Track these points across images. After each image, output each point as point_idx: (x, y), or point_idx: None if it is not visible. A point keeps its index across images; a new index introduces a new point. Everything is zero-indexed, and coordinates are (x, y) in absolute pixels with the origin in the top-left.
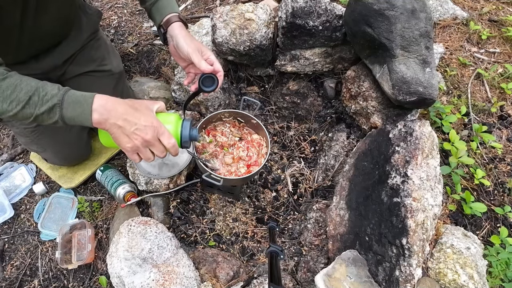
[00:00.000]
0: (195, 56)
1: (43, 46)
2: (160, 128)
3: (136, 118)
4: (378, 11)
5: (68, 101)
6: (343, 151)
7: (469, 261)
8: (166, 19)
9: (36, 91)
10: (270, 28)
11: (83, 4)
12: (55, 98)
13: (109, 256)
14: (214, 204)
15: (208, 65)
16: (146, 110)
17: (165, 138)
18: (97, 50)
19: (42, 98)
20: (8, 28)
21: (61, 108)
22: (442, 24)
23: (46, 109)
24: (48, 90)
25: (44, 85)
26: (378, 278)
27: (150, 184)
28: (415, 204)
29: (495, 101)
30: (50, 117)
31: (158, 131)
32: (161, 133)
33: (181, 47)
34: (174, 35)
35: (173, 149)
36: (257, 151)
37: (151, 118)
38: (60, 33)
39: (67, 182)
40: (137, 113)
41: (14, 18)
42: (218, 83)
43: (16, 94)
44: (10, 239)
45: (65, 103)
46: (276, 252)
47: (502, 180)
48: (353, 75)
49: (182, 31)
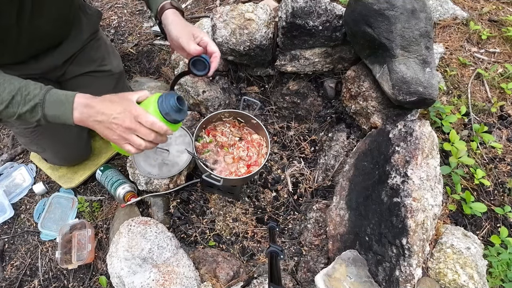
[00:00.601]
0: (184, 39)
1: (42, 46)
2: (136, 111)
3: (112, 109)
4: (378, 11)
5: (49, 100)
6: (343, 151)
7: (469, 261)
8: (161, 7)
9: (19, 90)
10: (270, 28)
11: (83, 4)
12: (37, 97)
13: (109, 256)
14: (214, 204)
15: (197, 47)
16: (123, 100)
17: (142, 119)
18: (97, 50)
19: (24, 98)
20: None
21: (43, 107)
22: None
23: (28, 108)
24: (31, 90)
25: (27, 84)
26: (378, 278)
27: (150, 184)
28: (415, 204)
29: (495, 101)
30: (33, 115)
31: (135, 115)
32: (138, 115)
33: (171, 33)
34: (167, 24)
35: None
36: (257, 151)
37: (126, 106)
38: (59, 34)
39: (67, 182)
40: (113, 105)
41: (10, 18)
42: (209, 67)
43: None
44: (10, 239)
45: (46, 102)
46: (276, 252)
47: (502, 180)
48: (353, 75)
49: (175, 17)
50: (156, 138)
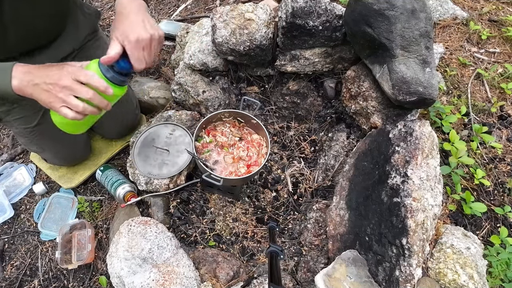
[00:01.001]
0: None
1: (34, 42)
2: (72, 68)
3: (50, 71)
4: (378, 11)
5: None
6: (343, 151)
7: (469, 261)
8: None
9: None
10: (270, 28)
11: (81, 3)
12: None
13: (109, 256)
14: (214, 204)
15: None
16: (62, 65)
17: (78, 74)
18: (97, 49)
19: None
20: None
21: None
22: (442, 24)
23: None
24: None
25: None
26: (378, 278)
27: (150, 184)
28: (415, 204)
29: (495, 101)
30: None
31: (74, 73)
32: (74, 71)
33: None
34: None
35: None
36: (257, 151)
37: (64, 67)
38: (52, 29)
39: (67, 182)
40: (51, 68)
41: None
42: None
43: None
44: (10, 239)
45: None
46: (276, 252)
47: (502, 180)
48: (353, 75)
49: (119, 7)
50: (94, 96)
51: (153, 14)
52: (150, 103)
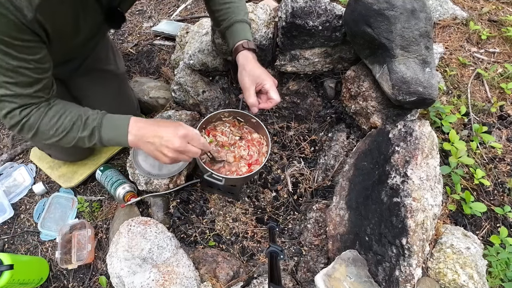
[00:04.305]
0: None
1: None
2: (189, 133)
3: (163, 131)
4: (378, 11)
5: (106, 124)
6: (343, 151)
7: (469, 261)
8: (235, 48)
9: (79, 116)
10: (270, 28)
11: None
12: (94, 121)
13: (109, 256)
14: (214, 204)
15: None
16: (173, 123)
17: (195, 142)
18: (102, 49)
19: (84, 122)
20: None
21: (99, 131)
22: (442, 24)
23: (88, 133)
24: (89, 115)
25: (86, 110)
26: (378, 278)
27: (150, 184)
28: (415, 204)
29: (494, 101)
30: (91, 139)
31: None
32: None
33: (239, 75)
34: (238, 64)
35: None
36: (258, 149)
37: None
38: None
39: (67, 181)
40: (166, 126)
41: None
42: None
43: (61, 121)
44: (10, 239)
45: (103, 126)
46: (276, 252)
47: (502, 180)
48: (353, 75)
49: (248, 63)
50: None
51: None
52: (150, 103)
